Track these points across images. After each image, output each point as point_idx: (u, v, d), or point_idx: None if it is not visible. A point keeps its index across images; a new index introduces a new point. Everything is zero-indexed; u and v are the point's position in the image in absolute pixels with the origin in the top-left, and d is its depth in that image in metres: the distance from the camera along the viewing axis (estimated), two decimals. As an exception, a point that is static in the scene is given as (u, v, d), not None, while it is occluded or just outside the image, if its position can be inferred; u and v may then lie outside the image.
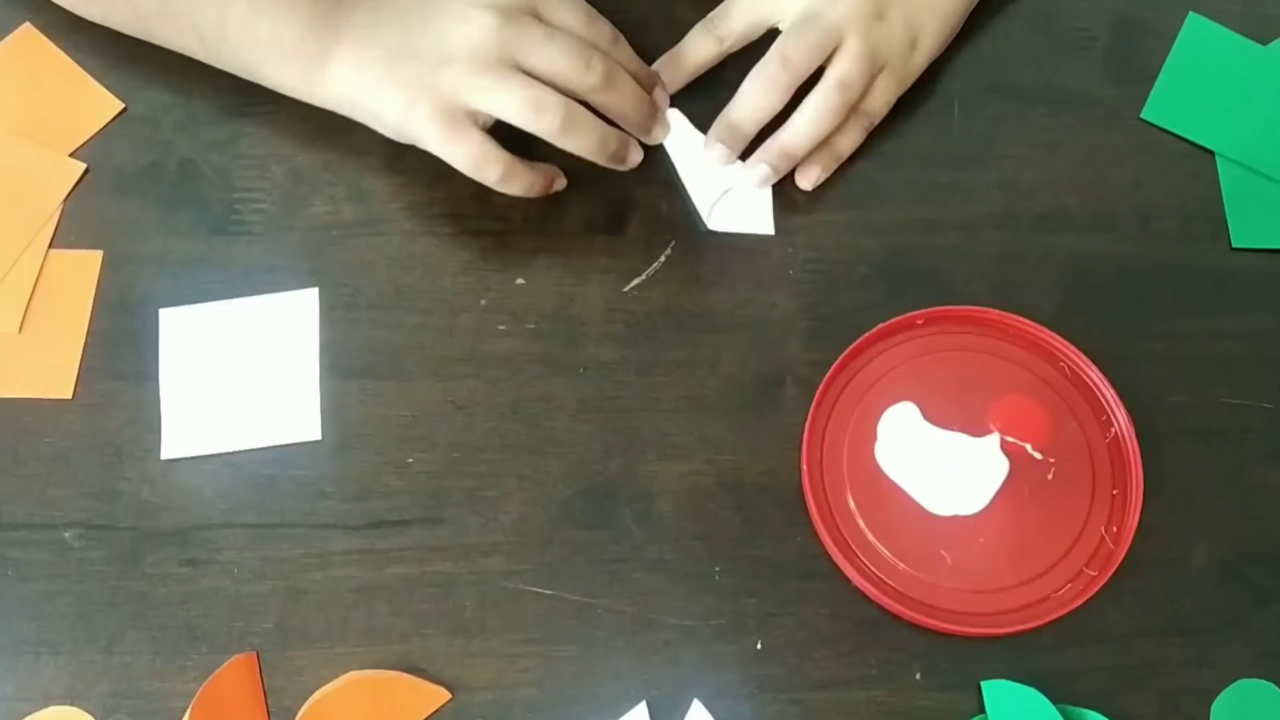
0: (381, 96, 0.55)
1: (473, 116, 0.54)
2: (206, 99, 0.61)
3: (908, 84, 0.61)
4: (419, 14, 0.55)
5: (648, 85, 0.58)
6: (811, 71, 0.58)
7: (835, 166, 0.60)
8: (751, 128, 0.59)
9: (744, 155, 0.59)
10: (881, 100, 0.60)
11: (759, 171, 0.59)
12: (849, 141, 0.60)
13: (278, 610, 0.52)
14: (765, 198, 0.60)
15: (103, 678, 0.51)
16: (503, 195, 0.58)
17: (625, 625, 0.52)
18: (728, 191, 0.59)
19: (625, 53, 0.58)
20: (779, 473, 0.54)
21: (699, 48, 0.60)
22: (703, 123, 0.60)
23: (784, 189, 0.60)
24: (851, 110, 0.59)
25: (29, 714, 0.50)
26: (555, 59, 0.54)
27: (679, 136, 0.60)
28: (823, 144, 0.59)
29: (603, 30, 0.57)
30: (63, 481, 0.54)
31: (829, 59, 0.58)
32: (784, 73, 0.57)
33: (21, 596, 0.52)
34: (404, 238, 0.59)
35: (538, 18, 0.55)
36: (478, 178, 0.55)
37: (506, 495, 0.54)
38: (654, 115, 0.58)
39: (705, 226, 0.59)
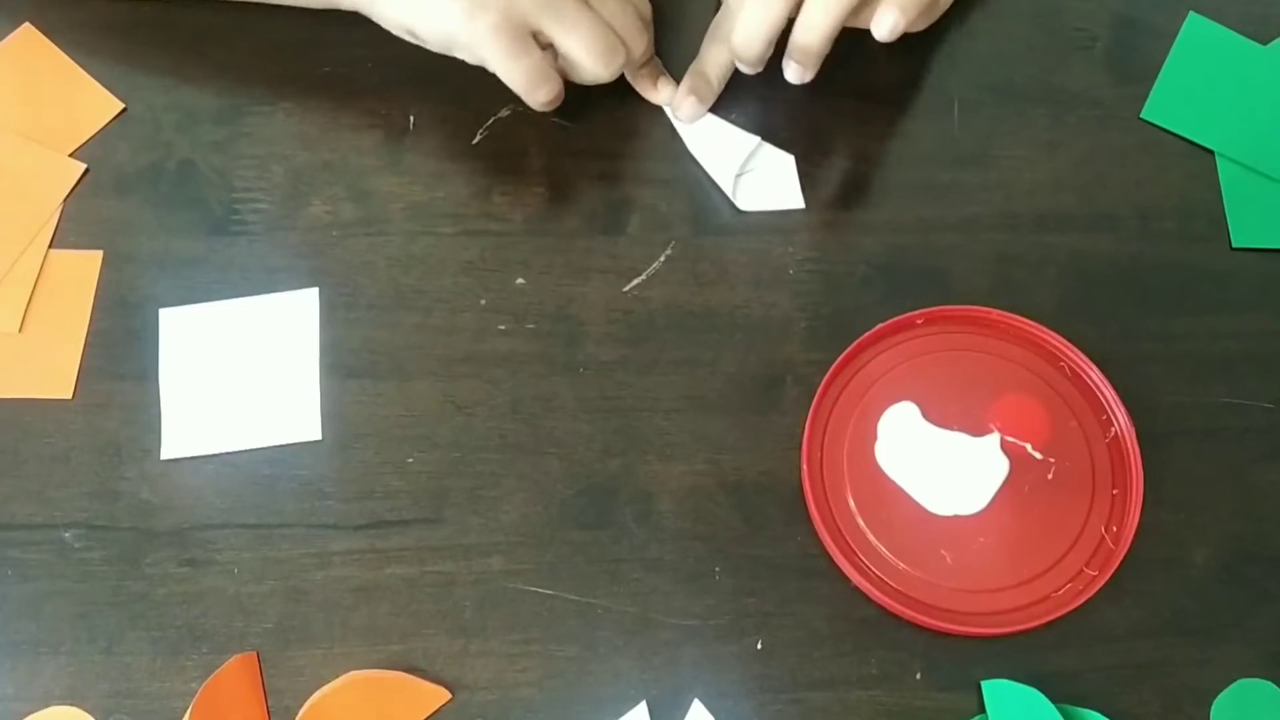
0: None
1: (537, 36, 0.55)
2: (206, 99, 0.61)
3: None
4: None
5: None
6: None
7: (920, 25, 0.58)
8: (763, 45, 0.56)
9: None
10: None
11: (791, 70, 0.57)
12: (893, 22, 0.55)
13: (278, 610, 0.52)
14: (790, 173, 0.60)
15: (103, 678, 0.51)
16: (503, 195, 0.59)
17: (625, 625, 0.52)
18: (749, 170, 0.59)
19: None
20: (779, 473, 0.54)
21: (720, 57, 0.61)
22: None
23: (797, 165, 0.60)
24: None
25: (29, 714, 0.50)
26: (619, 14, 0.56)
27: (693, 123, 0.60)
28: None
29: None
30: (63, 481, 0.54)
31: None
32: None
33: (21, 596, 0.52)
34: (404, 238, 0.59)
35: None
36: (526, 98, 0.56)
37: (506, 495, 0.54)
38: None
39: (699, 228, 0.59)
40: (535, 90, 0.56)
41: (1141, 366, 0.57)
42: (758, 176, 0.60)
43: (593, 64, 0.56)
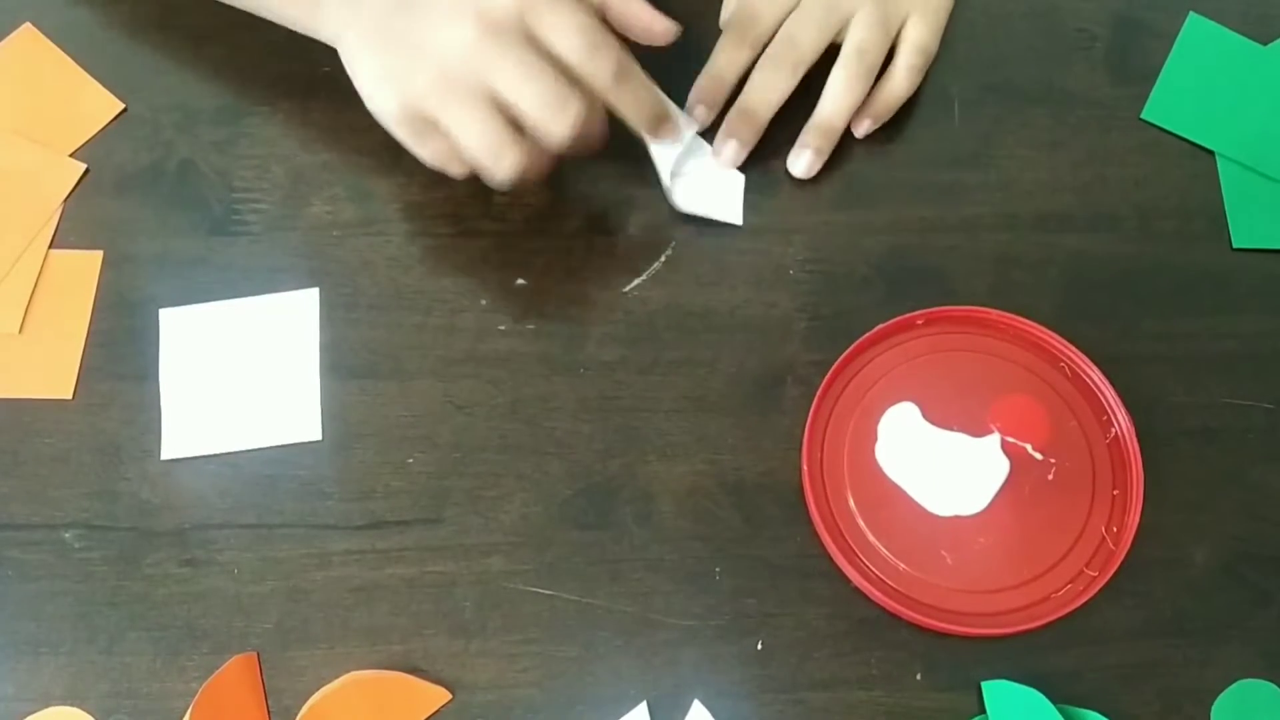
0: (360, 61, 0.53)
1: (438, 124, 0.51)
2: (206, 99, 0.61)
3: (944, 16, 0.61)
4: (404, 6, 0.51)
5: (652, 120, 0.55)
6: (821, 50, 0.59)
7: (889, 115, 0.61)
8: (767, 113, 0.59)
9: (710, 134, 0.59)
10: (925, 35, 0.60)
11: (803, 158, 0.59)
12: (904, 87, 0.60)
13: (278, 610, 0.52)
14: (737, 188, 0.60)
15: (103, 678, 0.51)
16: (503, 195, 0.59)
17: (625, 625, 0.52)
18: (686, 173, 0.59)
19: (631, 84, 0.53)
20: (779, 473, 0.54)
21: (734, 59, 0.60)
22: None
23: (782, 186, 0.60)
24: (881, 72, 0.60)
25: (29, 714, 0.50)
26: (527, 99, 0.50)
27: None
28: (869, 98, 0.60)
29: (602, 65, 0.51)
30: (63, 481, 0.54)
31: (844, 30, 0.59)
32: (792, 54, 0.58)
33: (21, 596, 0.52)
34: (404, 238, 0.59)
35: (531, 35, 0.50)
36: (485, 178, 0.54)
37: (506, 495, 0.54)
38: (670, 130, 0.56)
39: (700, 228, 0.59)
40: (447, 169, 0.54)
41: (1141, 366, 0.57)
42: (701, 183, 0.59)
43: (488, 171, 0.52)
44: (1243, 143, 0.62)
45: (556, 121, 0.50)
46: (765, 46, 0.59)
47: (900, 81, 0.60)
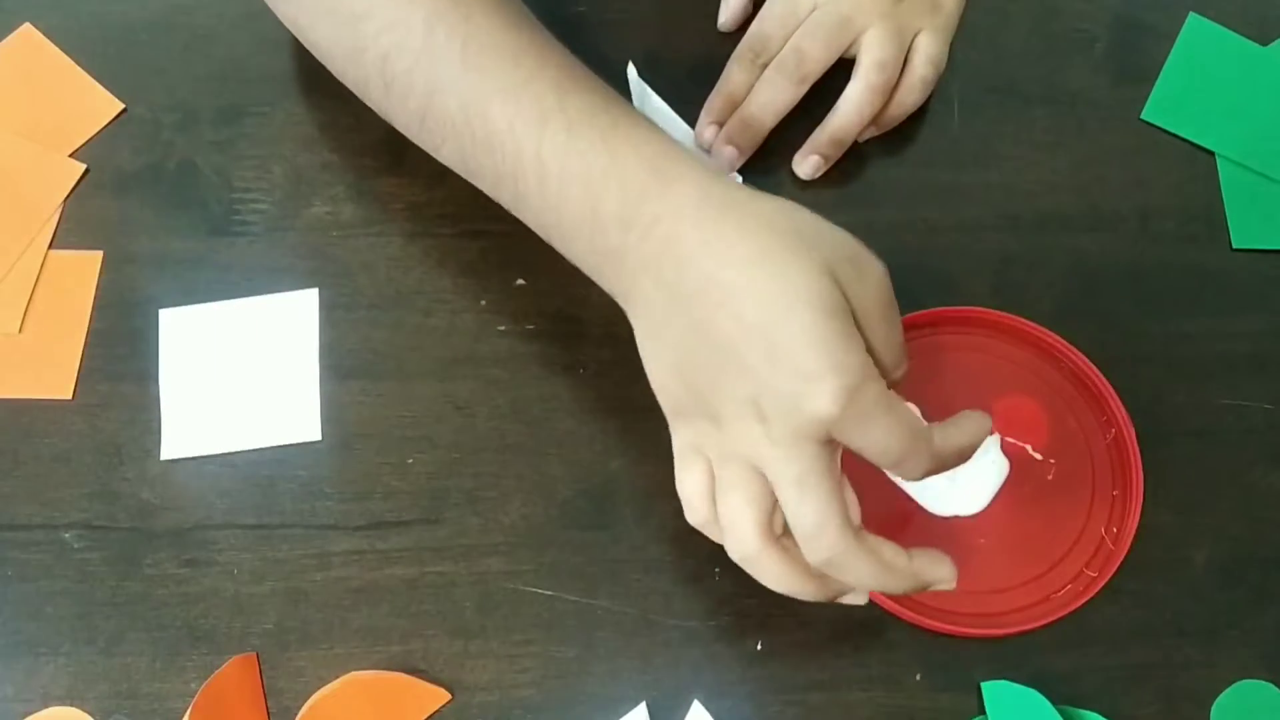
0: (659, 370, 0.47)
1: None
2: (206, 99, 0.61)
3: (953, 28, 0.62)
4: (709, 347, 0.43)
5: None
6: (829, 64, 0.59)
7: (893, 126, 0.61)
8: (769, 122, 0.59)
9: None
10: (937, 48, 0.60)
11: (810, 162, 0.59)
12: (915, 99, 0.60)
13: (278, 611, 0.52)
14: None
15: (103, 678, 0.51)
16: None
17: (625, 626, 0.52)
18: None
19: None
20: (779, 473, 0.54)
21: (746, 80, 0.60)
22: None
23: (783, 186, 0.60)
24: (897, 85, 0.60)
25: (29, 714, 0.50)
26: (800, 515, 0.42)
27: (660, 121, 0.60)
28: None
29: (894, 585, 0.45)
30: (63, 482, 0.54)
31: (859, 46, 0.59)
32: (799, 67, 0.58)
33: (21, 596, 0.52)
34: (404, 238, 0.59)
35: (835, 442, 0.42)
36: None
37: (506, 496, 0.54)
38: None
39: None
40: (692, 516, 0.47)
41: (1141, 367, 0.57)
42: None
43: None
44: (1243, 143, 0.62)
45: (813, 548, 0.43)
46: None
47: (911, 94, 0.60)
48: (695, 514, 0.46)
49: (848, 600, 0.47)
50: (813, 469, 0.42)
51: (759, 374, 0.41)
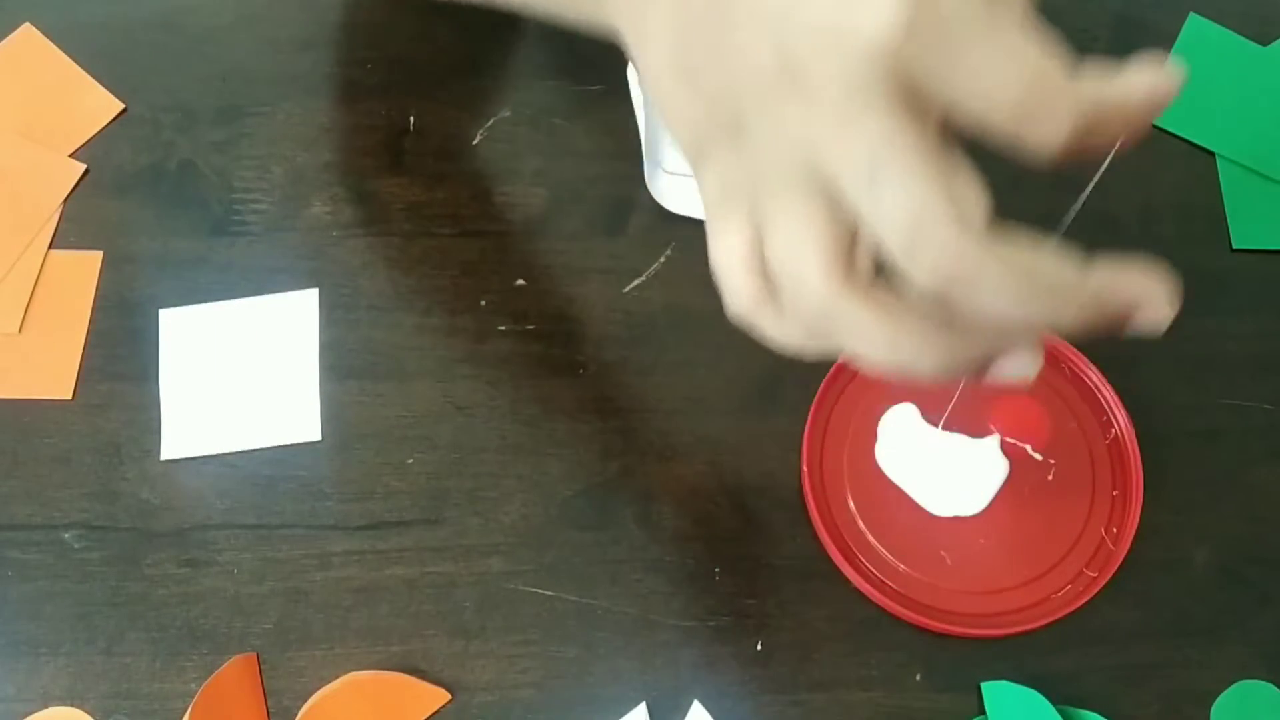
0: (663, 85, 0.34)
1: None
2: (206, 99, 0.61)
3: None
4: (708, 7, 0.31)
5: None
6: None
7: None
8: None
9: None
10: None
11: None
12: None
13: (278, 610, 0.52)
14: None
15: (103, 678, 0.51)
16: (503, 195, 0.59)
17: (625, 626, 0.52)
18: (681, 173, 0.58)
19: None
20: (779, 474, 0.54)
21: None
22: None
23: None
24: None
25: (29, 714, 0.50)
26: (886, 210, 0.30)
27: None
28: None
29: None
30: (63, 482, 0.54)
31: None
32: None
33: (21, 596, 0.52)
34: (404, 238, 0.59)
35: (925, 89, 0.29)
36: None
37: (506, 496, 0.54)
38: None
39: (700, 228, 0.58)
40: (720, 282, 0.35)
41: (1141, 367, 0.57)
42: (694, 185, 0.58)
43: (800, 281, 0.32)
44: (1243, 143, 0.61)
45: (916, 262, 0.30)
46: None
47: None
48: (740, 292, 0.34)
49: (1005, 370, 0.33)
50: (889, 138, 0.29)
51: (776, 10, 0.29)
